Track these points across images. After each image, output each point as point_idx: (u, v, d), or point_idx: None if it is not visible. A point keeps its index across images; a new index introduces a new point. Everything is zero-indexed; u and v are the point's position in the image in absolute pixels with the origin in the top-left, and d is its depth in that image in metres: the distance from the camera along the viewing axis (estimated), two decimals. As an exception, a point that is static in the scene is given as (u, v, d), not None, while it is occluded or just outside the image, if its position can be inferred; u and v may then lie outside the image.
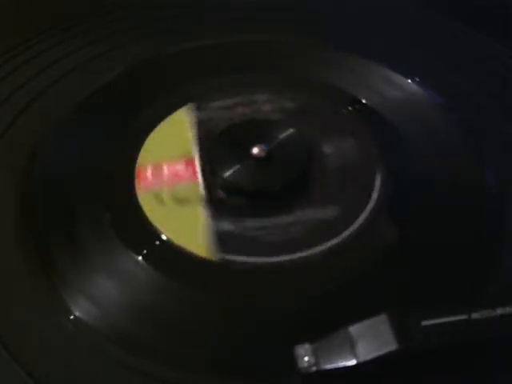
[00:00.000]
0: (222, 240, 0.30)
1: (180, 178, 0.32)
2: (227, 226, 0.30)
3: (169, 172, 0.33)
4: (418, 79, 0.38)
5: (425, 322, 0.23)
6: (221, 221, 0.30)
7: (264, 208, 0.31)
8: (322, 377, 0.23)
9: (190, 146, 0.34)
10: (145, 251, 0.29)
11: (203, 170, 0.33)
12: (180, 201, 0.31)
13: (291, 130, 0.34)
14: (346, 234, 0.30)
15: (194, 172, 0.33)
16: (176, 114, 0.36)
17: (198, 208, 0.31)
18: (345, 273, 0.28)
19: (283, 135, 0.34)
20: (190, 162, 0.33)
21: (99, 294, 0.28)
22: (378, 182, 0.32)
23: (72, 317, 0.27)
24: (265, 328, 0.27)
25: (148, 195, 0.32)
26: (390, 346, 0.23)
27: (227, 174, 0.32)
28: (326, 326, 0.24)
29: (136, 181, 0.32)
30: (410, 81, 0.38)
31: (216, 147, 0.33)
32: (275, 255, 0.29)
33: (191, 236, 0.30)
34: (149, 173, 0.33)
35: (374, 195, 0.31)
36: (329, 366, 0.23)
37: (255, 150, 0.32)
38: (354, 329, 0.24)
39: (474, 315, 0.24)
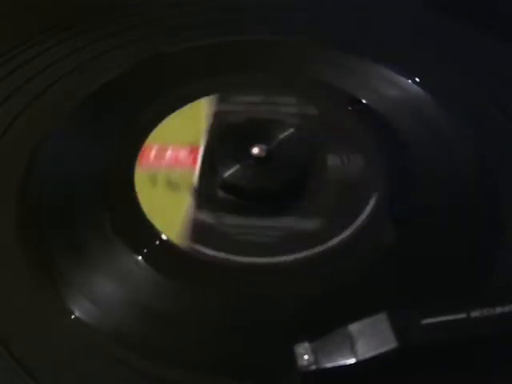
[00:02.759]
0: (197, 230, 0.30)
1: (179, 163, 0.33)
2: (207, 218, 0.30)
3: (171, 156, 0.33)
4: (417, 79, 0.38)
5: (424, 321, 0.23)
6: (202, 212, 0.31)
7: (255, 208, 0.31)
8: (322, 375, 0.23)
9: (200, 135, 0.35)
10: (145, 251, 0.29)
11: (203, 161, 0.33)
12: (172, 185, 0.32)
13: (291, 130, 0.34)
14: (345, 233, 0.30)
15: (195, 160, 0.33)
16: (197, 103, 0.37)
17: (186, 196, 0.31)
18: (345, 272, 0.28)
19: (283, 135, 0.34)
20: (194, 150, 0.34)
21: (99, 294, 0.28)
22: (377, 182, 0.32)
23: (72, 317, 0.27)
24: (264, 327, 0.27)
25: (144, 174, 0.32)
26: (389, 344, 0.23)
27: (227, 173, 0.32)
28: (325, 325, 0.24)
29: (138, 158, 0.33)
30: (409, 81, 0.38)
31: (216, 147, 0.33)
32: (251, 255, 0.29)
33: (170, 220, 0.30)
34: (152, 153, 0.33)
35: (374, 195, 0.31)
36: (328, 365, 0.23)
37: (255, 150, 0.32)
38: (353, 327, 0.24)
39: (474, 314, 0.23)
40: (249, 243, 0.29)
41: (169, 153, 0.33)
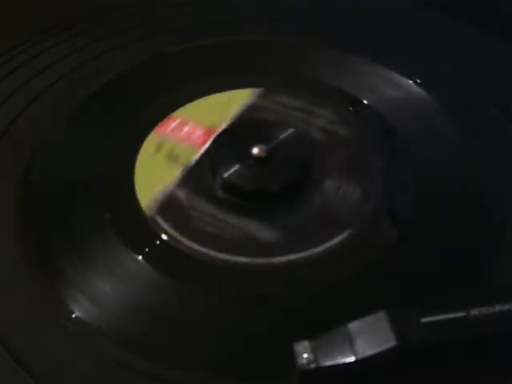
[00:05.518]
0: (167, 204, 0.31)
1: (190, 140, 0.34)
2: (183, 197, 0.31)
3: (187, 131, 0.34)
4: (418, 79, 0.38)
5: (424, 319, 0.23)
6: (182, 190, 0.31)
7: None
8: (321, 374, 0.23)
9: (223, 120, 0.35)
10: (145, 251, 0.29)
11: (213, 144, 0.34)
12: (171, 157, 0.33)
13: (291, 130, 0.34)
14: (345, 233, 0.30)
15: (204, 142, 0.34)
16: (240, 92, 0.37)
17: (178, 171, 0.32)
18: (345, 272, 0.28)
19: (283, 135, 0.34)
20: (209, 132, 0.34)
21: (99, 294, 0.28)
22: (378, 182, 0.32)
23: (72, 316, 0.27)
24: (264, 326, 0.27)
25: (154, 140, 0.34)
26: (388, 342, 0.23)
27: (227, 173, 0.32)
28: (325, 323, 0.24)
29: (159, 124, 0.35)
30: (410, 81, 0.38)
31: (216, 147, 0.33)
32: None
33: (150, 187, 0.32)
34: (173, 124, 0.35)
35: (374, 195, 0.31)
36: (328, 363, 0.23)
37: (255, 150, 0.32)
38: (353, 326, 0.24)
39: (473, 312, 0.24)
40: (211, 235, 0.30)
41: (187, 128, 0.34)
